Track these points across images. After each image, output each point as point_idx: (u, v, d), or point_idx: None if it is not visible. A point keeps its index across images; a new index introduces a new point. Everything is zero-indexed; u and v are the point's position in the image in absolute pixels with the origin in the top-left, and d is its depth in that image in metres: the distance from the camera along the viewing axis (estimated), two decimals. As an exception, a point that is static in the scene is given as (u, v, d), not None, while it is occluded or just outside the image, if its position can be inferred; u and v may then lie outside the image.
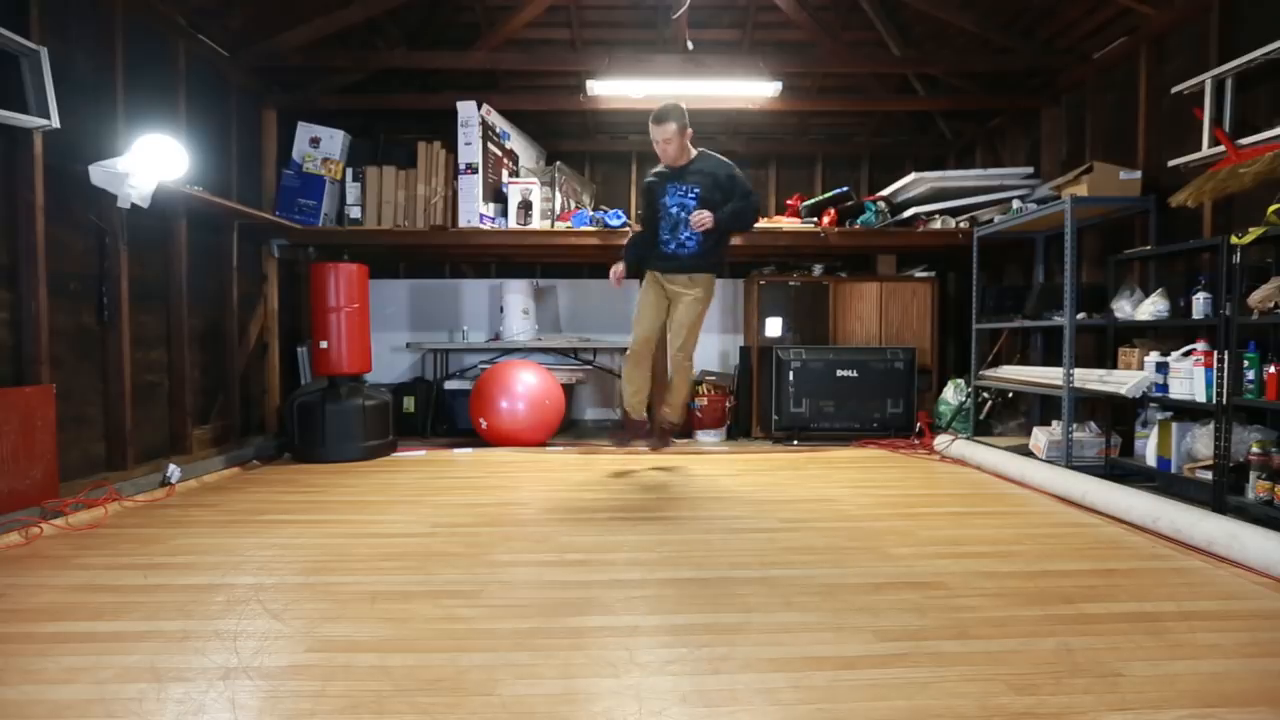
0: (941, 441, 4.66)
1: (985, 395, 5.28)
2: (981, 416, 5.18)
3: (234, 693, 1.55)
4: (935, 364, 5.62)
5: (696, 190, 3.80)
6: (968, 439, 4.63)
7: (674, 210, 3.85)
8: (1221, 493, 2.94)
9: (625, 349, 6.08)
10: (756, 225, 5.22)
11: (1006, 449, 4.18)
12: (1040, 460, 3.86)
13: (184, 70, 4.12)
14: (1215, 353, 3.05)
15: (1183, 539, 2.62)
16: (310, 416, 4.46)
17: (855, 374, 5.15)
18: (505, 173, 5.38)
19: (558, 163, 5.73)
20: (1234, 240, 2.92)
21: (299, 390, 4.76)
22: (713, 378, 5.79)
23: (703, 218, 3.68)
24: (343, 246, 5.21)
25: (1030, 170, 5.16)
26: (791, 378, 5.12)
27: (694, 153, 3.88)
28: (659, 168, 3.95)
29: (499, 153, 5.31)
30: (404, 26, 5.35)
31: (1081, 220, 4.38)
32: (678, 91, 4.99)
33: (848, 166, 6.61)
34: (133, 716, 1.47)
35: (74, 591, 2.19)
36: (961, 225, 5.14)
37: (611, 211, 5.23)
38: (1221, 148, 3.34)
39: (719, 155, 3.99)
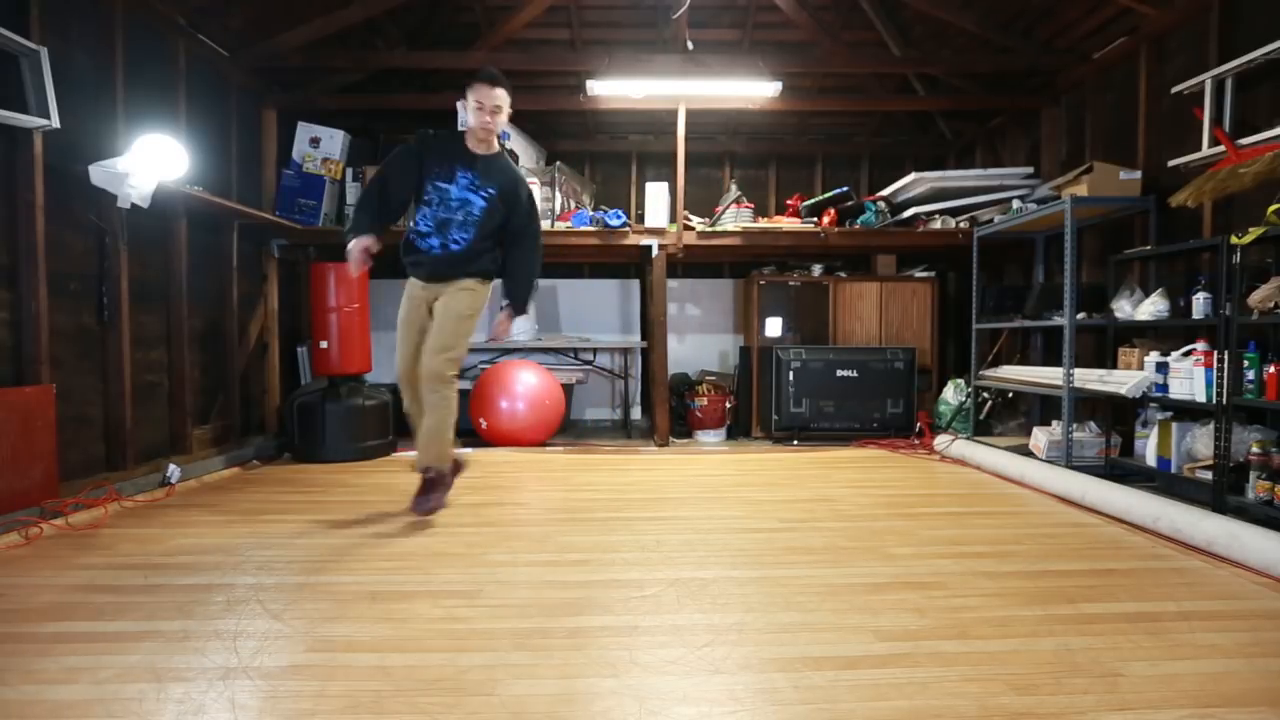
0: (941, 441, 4.66)
1: (985, 395, 5.28)
2: (981, 416, 5.18)
3: (234, 693, 1.55)
4: (935, 364, 5.62)
5: (492, 192, 2.97)
6: (968, 439, 4.63)
7: (455, 203, 2.95)
8: (1221, 493, 2.94)
9: (626, 348, 6.17)
10: (756, 225, 5.25)
11: (1006, 449, 4.18)
12: (1040, 460, 3.86)
13: (184, 70, 4.12)
14: (1215, 353, 3.05)
15: (1183, 539, 2.62)
16: (310, 416, 4.46)
17: (855, 374, 5.15)
18: (505, 173, 5.37)
19: (558, 163, 5.72)
20: (1234, 240, 2.92)
21: (299, 390, 4.77)
22: (713, 378, 5.80)
23: (506, 324, 3.14)
24: (343, 246, 5.20)
25: (1030, 170, 5.16)
26: (791, 378, 5.12)
27: (497, 146, 3.10)
28: (442, 135, 3.06)
29: (499, 153, 5.31)
30: (404, 26, 5.35)
31: (1081, 220, 4.38)
32: (678, 91, 5.00)
33: (848, 166, 6.61)
34: (133, 716, 1.47)
35: (74, 591, 2.19)
36: (961, 225, 5.14)
37: (611, 211, 5.22)
38: (1221, 148, 3.35)
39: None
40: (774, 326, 5.50)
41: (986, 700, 1.52)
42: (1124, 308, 3.73)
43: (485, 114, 2.92)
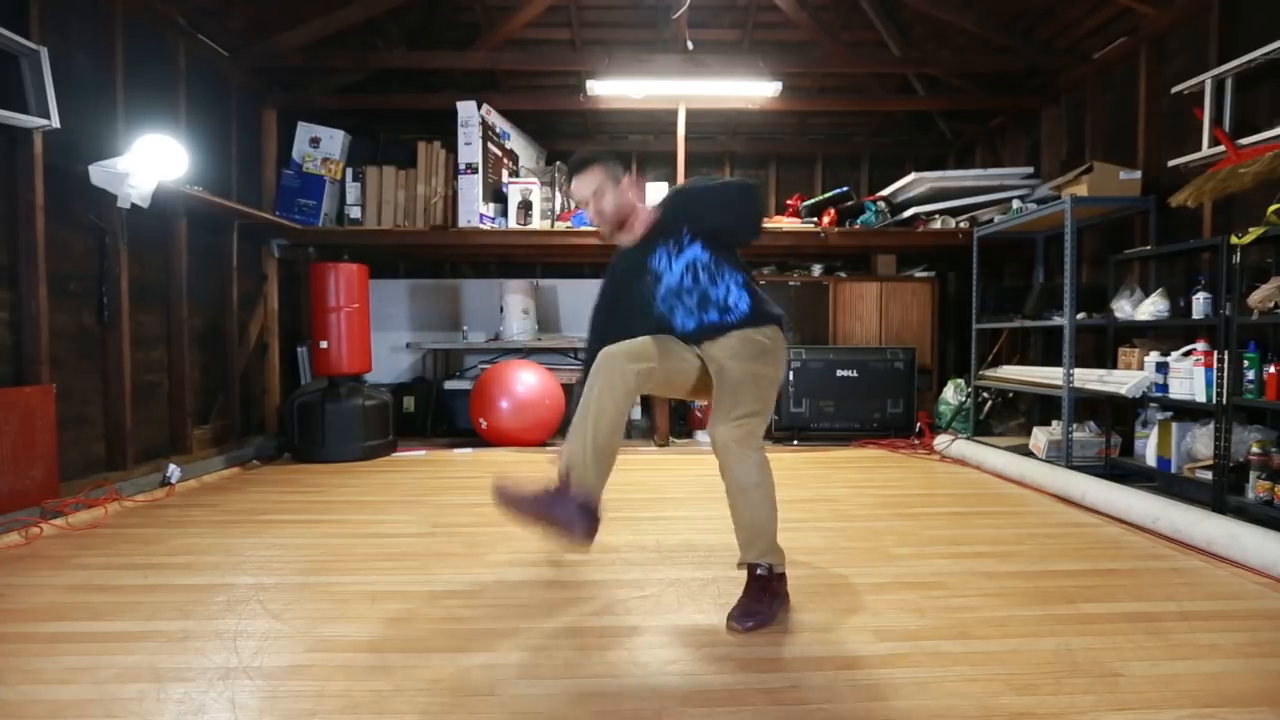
0: (941, 441, 4.66)
1: (985, 395, 5.28)
2: (981, 416, 5.18)
3: (234, 693, 1.55)
4: (935, 364, 5.62)
5: (671, 245, 2.16)
6: (968, 439, 4.63)
7: (674, 278, 2.17)
8: (1221, 493, 2.94)
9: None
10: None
11: (1006, 449, 4.18)
12: (1040, 460, 3.86)
13: (184, 70, 4.13)
14: (1215, 353, 3.05)
15: (1183, 539, 2.62)
16: (310, 416, 4.46)
17: (855, 374, 5.15)
18: (505, 173, 5.38)
19: (558, 163, 5.73)
20: (1234, 240, 2.92)
21: (299, 390, 4.77)
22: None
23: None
24: (343, 246, 5.21)
25: (1030, 170, 5.16)
26: (791, 378, 5.12)
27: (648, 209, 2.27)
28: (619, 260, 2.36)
29: (499, 153, 5.31)
30: (404, 26, 5.35)
31: (1081, 220, 4.38)
32: (678, 91, 5.00)
33: (848, 166, 6.61)
34: (133, 716, 1.47)
35: (74, 591, 2.19)
36: (961, 225, 5.14)
37: (611, 211, 5.22)
38: (1221, 148, 3.34)
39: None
40: (774, 326, 5.50)
41: (986, 700, 1.52)
42: (1124, 308, 3.73)
43: (590, 214, 2.30)
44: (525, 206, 5.13)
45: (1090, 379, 3.79)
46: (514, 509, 1.87)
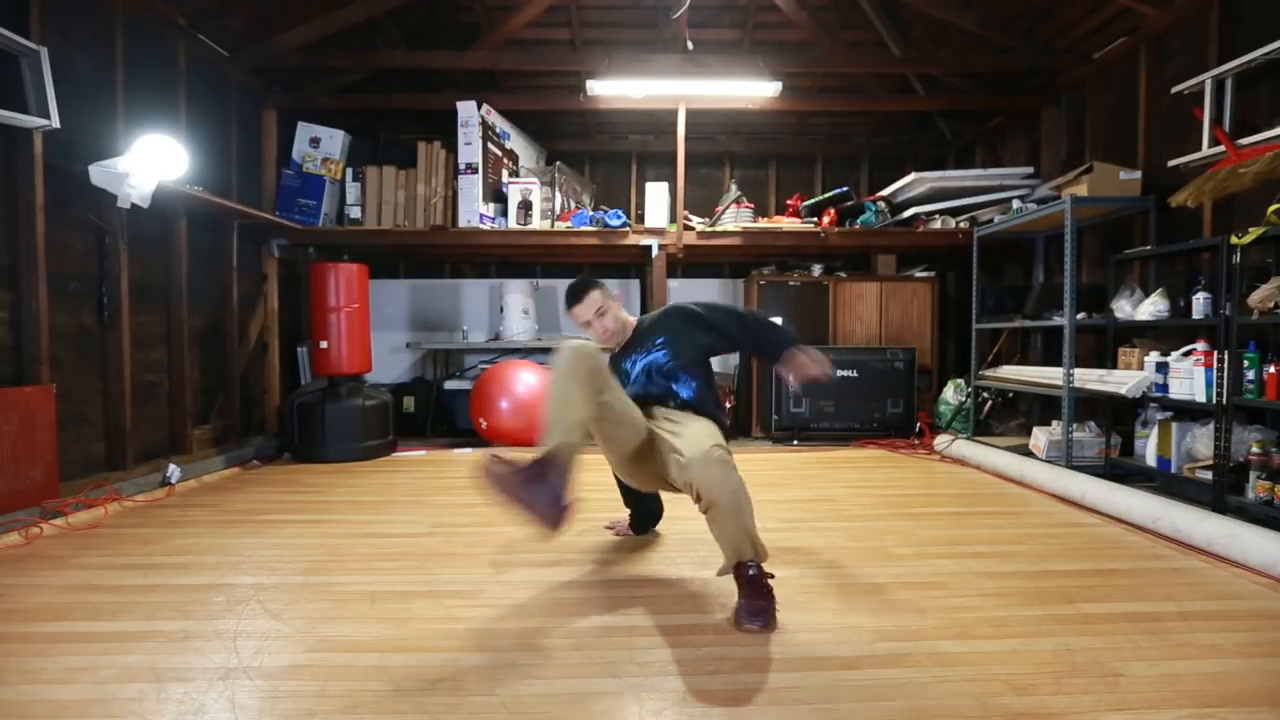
0: (941, 441, 4.66)
1: (985, 395, 5.28)
2: (981, 416, 5.18)
3: (234, 693, 1.55)
4: (935, 364, 5.62)
5: (659, 340, 2.54)
6: (968, 439, 4.63)
7: (641, 375, 2.54)
8: (1221, 493, 2.94)
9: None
10: (756, 225, 5.26)
11: (1006, 449, 4.18)
12: (1040, 460, 3.86)
13: (184, 70, 4.13)
14: (1215, 353, 3.05)
15: (1183, 539, 2.62)
16: (310, 416, 4.46)
17: (855, 374, 5.15)
18: (505, 173, 5.38)
19: (558, 163, 5.73)
20: (1234, 240, 2.92)
21: (299, 390, 4.77)
22: (713, 378, 5.79)
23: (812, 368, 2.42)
24: (343, 246, 5.22)
25: (1030, 170, 5.16)
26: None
27: (634, 320, 2.72)
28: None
29: (499, 153, 5.31)
30: (404, 26, 5.35)
31: (1081, 220, 4.38)
32: (678, 91, 5.00)
33: (848, 166, 6.61)
34: (133, 716, 1.47)
35: (74, 591, 2.19)
36: (961, 225, 5.14)
37: (611, 211, 5.22)
38: (1221, 148, 3.34)
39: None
40: (774, 326, 5.50)
41: (986, 700, 1.52)
42: (1124, 308, 3.73)
43: (594, 331, 2.62)
44: (525, 206, 5.13)
45: (1090, 379, 3.79)
46: (496, 487, 1.92)
